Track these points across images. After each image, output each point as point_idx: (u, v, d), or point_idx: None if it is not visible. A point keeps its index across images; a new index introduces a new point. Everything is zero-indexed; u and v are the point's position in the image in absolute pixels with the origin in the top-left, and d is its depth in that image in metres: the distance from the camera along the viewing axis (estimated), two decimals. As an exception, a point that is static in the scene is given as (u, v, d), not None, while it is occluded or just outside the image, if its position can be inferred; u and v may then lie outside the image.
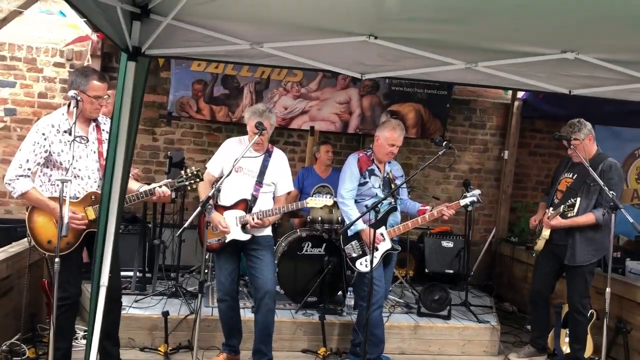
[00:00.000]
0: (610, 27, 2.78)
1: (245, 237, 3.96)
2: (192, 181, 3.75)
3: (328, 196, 5.34)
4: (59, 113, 3.53)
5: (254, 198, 3.99)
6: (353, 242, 4.15)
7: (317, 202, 4.07)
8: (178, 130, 6.51)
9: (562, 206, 4.29)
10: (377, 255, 4.06)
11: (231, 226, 3.94)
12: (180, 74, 6.17)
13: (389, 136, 4.13)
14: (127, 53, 3.09)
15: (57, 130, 3.44)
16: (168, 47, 3.27)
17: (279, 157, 4.15)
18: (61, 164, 3.43)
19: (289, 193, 4.23)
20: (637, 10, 2.50)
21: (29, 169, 3.36)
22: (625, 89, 3.57)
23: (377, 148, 4.23)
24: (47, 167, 3.45)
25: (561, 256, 4.46)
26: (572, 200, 4.27)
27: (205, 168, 4.15)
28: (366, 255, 4.09)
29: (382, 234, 4.11)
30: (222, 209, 4.00)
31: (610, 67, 3.26)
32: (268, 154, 4.09)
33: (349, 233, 4.14)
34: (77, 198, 3.45)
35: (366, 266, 4.05)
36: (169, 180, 3.77)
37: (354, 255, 4.14)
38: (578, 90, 3.68)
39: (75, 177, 3.44)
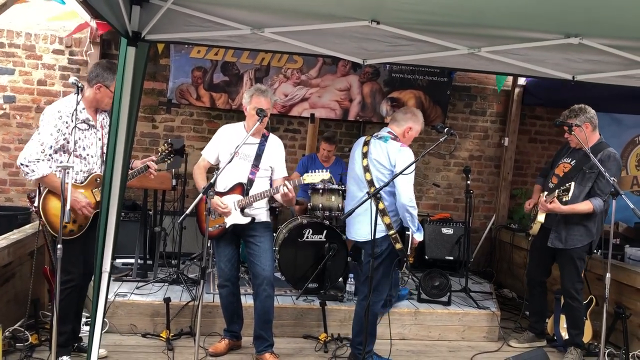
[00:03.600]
0: (614, 11, 2.77)
1: (245, 220, 3.96)
2: (171, 156, 4.02)
3: (329, 185, 5.36)
4: (68, 102, 3.56)
5: (250, 181, 3.99)
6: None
7: (314, 177, 3.99)
8: (178, 117, 6.49)
9: (557, 190, 4.27)
10: None
11: (230, 211, 3.95)
12: (180, 61, 6.15)
13: (420, 129, 4.09)
14: (127, 38, 3.07)
15: (76, 117, 3.47)
16: (168, 32, 3.26)
17: (276, 142, 4.13)
18: (76, 150, 3.52)
19: (285, 178, 4.21)
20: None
21: (50, 155, 3.43)
22: (628, 75, 3.56)
23: (405, 139, 4.01)
24: (58, 153, 3.50)
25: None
26: (567, 184, 4.25)
27: (201, 155, 4.16)
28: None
29: None
30: (218, 195, 3.99)
31: (614, 52, 3.25)
32: (264, 138, 4.08)
33: (418, 235, 3.92)
34: (82, 183, 3.57)
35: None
36: (152, 157, 3.94)
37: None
38: (582, 76, 3.66)
39: (82, 159, 3.56)
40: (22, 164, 3.38)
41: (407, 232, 3.86)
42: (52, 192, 3.45)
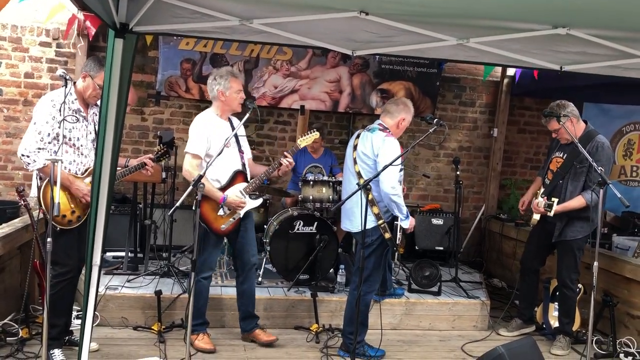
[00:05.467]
0: (602, 1, 2.78)
1: (259, 202, 4.13)
2: (166, 156, 4.06)
3: (319, 176, 5.37)
4: (62, 93, 3.53)
5: (244, 166, 4.08)
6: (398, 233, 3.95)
7: (307, 139, 4.21)
8: (167, 109, 6.46)
9: (543, 204, 4.35)
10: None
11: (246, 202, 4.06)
12: (169, 53, 6.10)
13: (410, 119, 4.12)
14: (115, 30, 3.04)
15: (69, 108, 3.53)
16: (156, 23, 3.23)
17: (238, 122, 4.07)
18: (70, 140, 3.54)
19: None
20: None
21: (49, 142, 3.44)
22: (615, 65, 3.58)
23: (398, 129, 4.05)
24: (52, 143, 3.50)
25: (552, 233, 4.53)
26: (552, 200, 4.33)
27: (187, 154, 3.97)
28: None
29: None
30: (222, 190, 3.95)
31: (602, 42, 3.26)
32: (230, 121, 4.12)
33: (404, 223, 3.91)
34: (78, 174, 3.60)
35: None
36: (149, 155, 3.94)
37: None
38: (569, 67, 3.68)
39: (76, 149, 3.58)
40: (23, 155, 3.41)
41: (395, 222, 3.89)
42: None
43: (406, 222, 3.92)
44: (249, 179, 4.07)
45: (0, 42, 5.92)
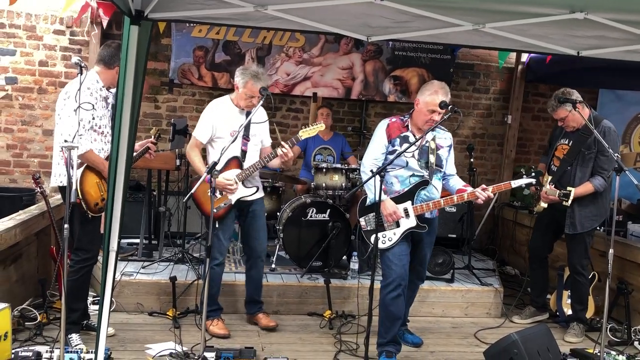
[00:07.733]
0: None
1: (251, 191, 4.08)
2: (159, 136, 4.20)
3: (330, 159, 5.37)
4: (94, 80, 3.62)
5: (244, 153, 4.07)
6: (370, 215, 3.76)
7: (310, 131, 4.12)
8: (180, 97, 6.47)
9: (558, 192, 4.23)
10: (398, 232, 3.74)
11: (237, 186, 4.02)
12: (181, 41, 6.11)
13: (429, 101, 3.69)
14: (130, 17, 3.04)
15: (100, 95, 3.61)
16: (171, 10, 3.22)
17: (261, 111, 4.04)
18: (100, 127, 3.61)
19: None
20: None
21: (89, 129, 3.53)
22: (633, 50, 3.52)
23: (415, 114, 3.82)
24: (89, 131, 3.56)
25: (561, 221, 4.50)
26: (568, 189, 4.19)
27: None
28: (385, 230, 3.78)
29: (406, 209, 3.75)
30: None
31: (620, 27, 3.20)
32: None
33: (368, 202, 3.80)
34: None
35: (383, 242, 3.73)
36: (150, 139, 4.03)
37: (368, 228, 3.78)
38: (586, 52, 3.63)
39: (104, 137, 3.65)
40: (66, 141, 3.43)
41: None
42: (89, 168, 3.54)
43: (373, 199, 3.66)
44: (243, 166, 4.04)
45: (14, 30, 5.95)
